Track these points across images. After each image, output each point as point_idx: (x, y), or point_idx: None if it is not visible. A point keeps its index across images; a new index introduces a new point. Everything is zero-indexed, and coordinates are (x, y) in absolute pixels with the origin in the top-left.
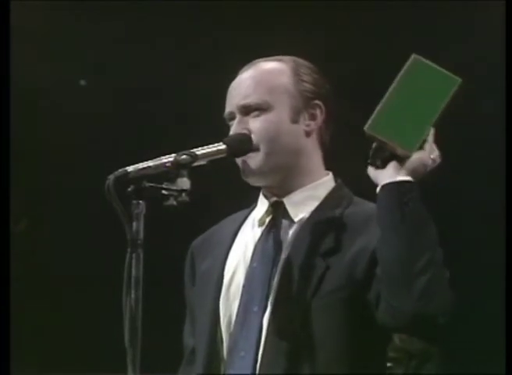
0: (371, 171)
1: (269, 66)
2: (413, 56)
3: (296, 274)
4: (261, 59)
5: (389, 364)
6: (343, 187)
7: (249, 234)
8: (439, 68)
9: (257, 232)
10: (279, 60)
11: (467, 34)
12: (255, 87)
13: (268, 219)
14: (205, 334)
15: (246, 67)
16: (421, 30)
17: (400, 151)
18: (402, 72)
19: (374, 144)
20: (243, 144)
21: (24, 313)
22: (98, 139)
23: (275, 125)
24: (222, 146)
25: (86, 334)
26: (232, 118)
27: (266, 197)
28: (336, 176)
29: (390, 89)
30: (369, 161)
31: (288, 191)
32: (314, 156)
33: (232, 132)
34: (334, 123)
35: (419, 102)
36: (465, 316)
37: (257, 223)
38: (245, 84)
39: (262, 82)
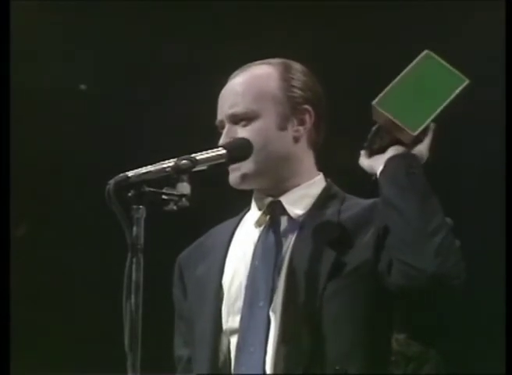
0: (365, 160)
1: (258, 71)
2: (425, 51)
3: (307, 266)
4: (251, 64)
5: None
6: (333, 185)
7: (246, 236)
8: (449, 66)
9: (256, 232)
10: (269, 64)
11: (467, 34)
12: (243, 95)
13: (266, 219)
14: (207, 339)
15: (236, 72)
16: (420, 30)
17: (399, 133)
18: (413, 63)
19: (373, 128)
20: (244, 149)
21: (24, 316)
22: (99, 143)
23: (263, 134)
24: (222, 151)
25: (86, 336)
26: (223, 126)
27: (260, 199)
28: (326, 176)
29: (401, 75)
30: (365, 144)
31: (283, 191)
32: (305, 159)
33: (221, 141)
34: (325, 124)
35: (426, 93)
36: (465, 315)
37: (254, 224)
38: (233, 92)
39: (250, 90)
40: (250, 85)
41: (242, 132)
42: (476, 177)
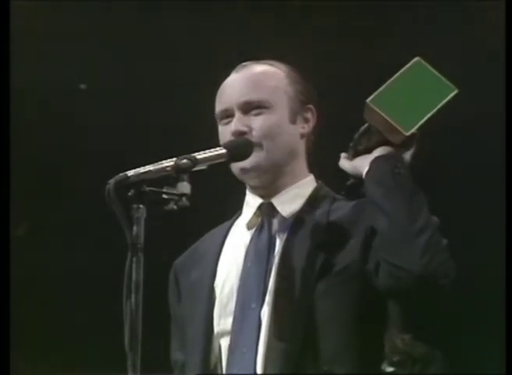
0: (347, 161)
1: (263, 68)
2: (416, 58)
3: (296, 266)
4: (252, 62)
5: (392, 368)
6: (324, 186)
7: (238, 239)
8: (438, 74)
9: (248, 235)
10: (271, 64)
11: (467, 34)
12: (256, 85)
13: (258, 221)
14: (199, 343)
15: (238, 68)
16: (421, 30)
17: (389, 134)
18: (403, 69)
19: (361, 128)
20: (244, 149)
21: (24, 316)
22: (98, 142)
23: (277, 124)
24: (222, 150)
25: (86, 336)
26: (228, 115)
27: (252, 201)
28: (316, 177)
29: (392, 78)
30: (351, 144)
31: (274, 192)
32: (301, 159)
33: (232, 128)
34: (319, 128)
35: (417, 98)
36: (465, 316)
37: (246, 227)
38: (244, 82)
39: (262, 81)
40: (260, 78)
41: (255, 120)
42: (476, 177)
